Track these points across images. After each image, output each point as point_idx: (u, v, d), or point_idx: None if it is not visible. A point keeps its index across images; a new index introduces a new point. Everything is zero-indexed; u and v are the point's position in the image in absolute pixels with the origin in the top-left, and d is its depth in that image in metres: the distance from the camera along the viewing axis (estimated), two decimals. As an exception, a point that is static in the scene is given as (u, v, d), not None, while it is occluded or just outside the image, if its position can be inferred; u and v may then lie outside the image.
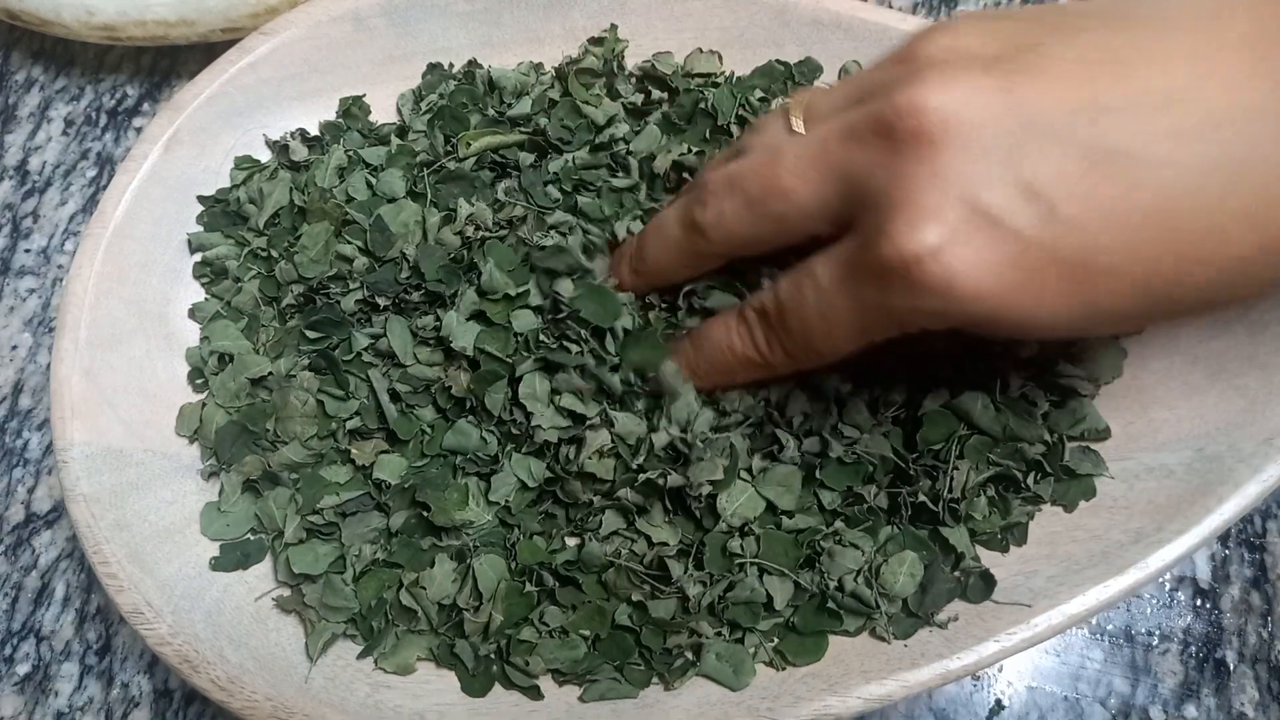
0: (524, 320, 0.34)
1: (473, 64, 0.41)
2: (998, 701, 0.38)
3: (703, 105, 0.39)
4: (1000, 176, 0.22)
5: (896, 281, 0.23)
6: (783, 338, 0.29)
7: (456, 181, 0.37)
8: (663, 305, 0.34)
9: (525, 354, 0.34)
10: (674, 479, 0.32)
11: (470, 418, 0.34)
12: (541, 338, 0.34)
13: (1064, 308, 0.23)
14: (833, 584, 0.32)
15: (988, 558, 0.32)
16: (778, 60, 0.40)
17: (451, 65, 0.42)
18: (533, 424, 0.33)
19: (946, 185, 0.22)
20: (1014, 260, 0.22)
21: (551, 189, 0.37)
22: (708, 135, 0.39)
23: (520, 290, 0.35)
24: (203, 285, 0.39)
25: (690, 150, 0.38)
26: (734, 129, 0.38)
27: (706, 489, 0.32)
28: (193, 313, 0.38)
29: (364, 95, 0.41)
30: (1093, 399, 0.34)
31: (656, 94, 0.40)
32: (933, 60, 0.24)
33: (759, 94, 0.39)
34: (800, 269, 0.27)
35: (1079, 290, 0.23)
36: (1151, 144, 0.21)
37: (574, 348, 0.33)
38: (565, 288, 0.34)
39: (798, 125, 0.28)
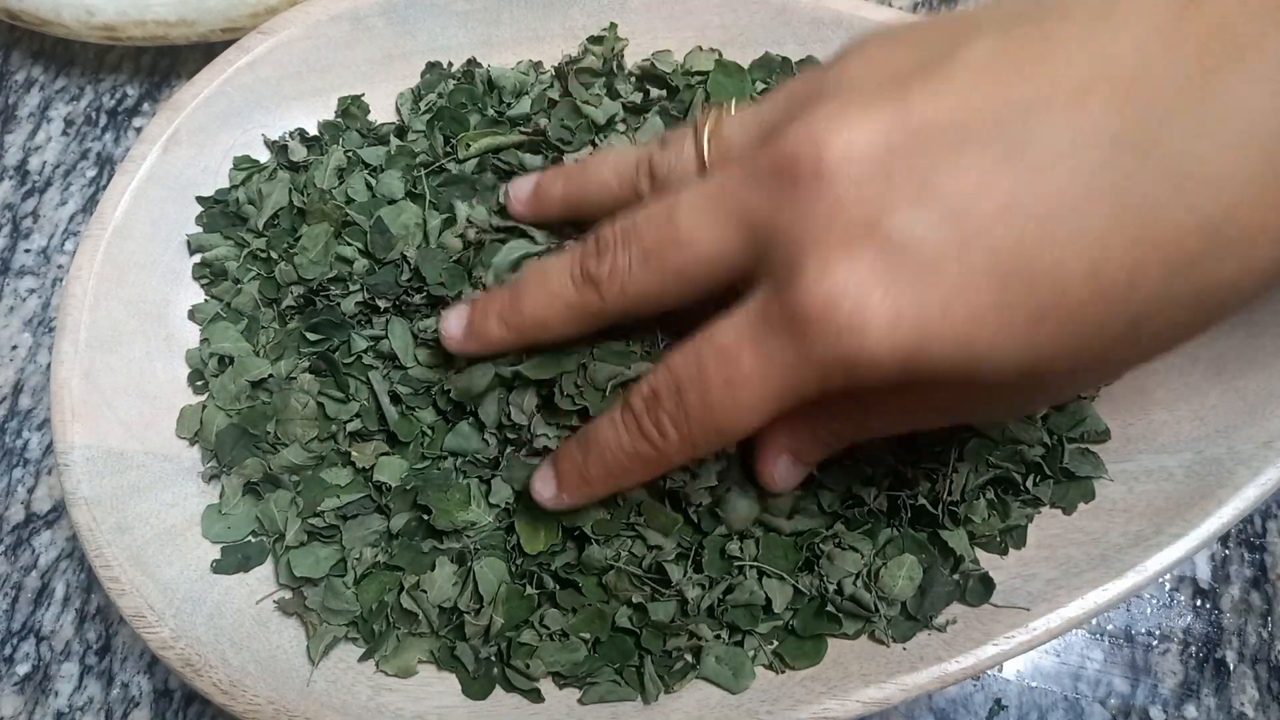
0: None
1: (472, 63, 0.41)
2: (998, 701, 0.38)
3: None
4: (907, 197, 0.21)
5: (814, 329, 0.22)
6: (677, 419, 0.26)
7: (457, 184, 0.37)
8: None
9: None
10: (673, 482, 0.32)
11: (471, 419, 0.34)
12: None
13: (1008, 329, 0.20)
14: (832, 587, 0.32)
15: (986, 560, 0.33)
16: (780, 56, 0.40)
17: (450, 64, 0.41)
18: (532, 430, 0.33)
19: (852, 217, 0.21)
20: (937, 281, 0.20)
21: None
22: None
23: None
24: (202, 286, 0.39)
25: None
26: None
27: (706, 499, 0.32)
28: (192, 314, 0.38)
29: (363, 94, 0.41)
30: (1092, 401, 0.34)
31: (656, 93, 0.40)
32: (832, 87, 0.23)
33: (760, 86, 0.39)
34: (695, 337, 0.25)
35: (1019, 301, 0.20)
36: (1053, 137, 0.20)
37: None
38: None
39: (707, 155, 0.27)
